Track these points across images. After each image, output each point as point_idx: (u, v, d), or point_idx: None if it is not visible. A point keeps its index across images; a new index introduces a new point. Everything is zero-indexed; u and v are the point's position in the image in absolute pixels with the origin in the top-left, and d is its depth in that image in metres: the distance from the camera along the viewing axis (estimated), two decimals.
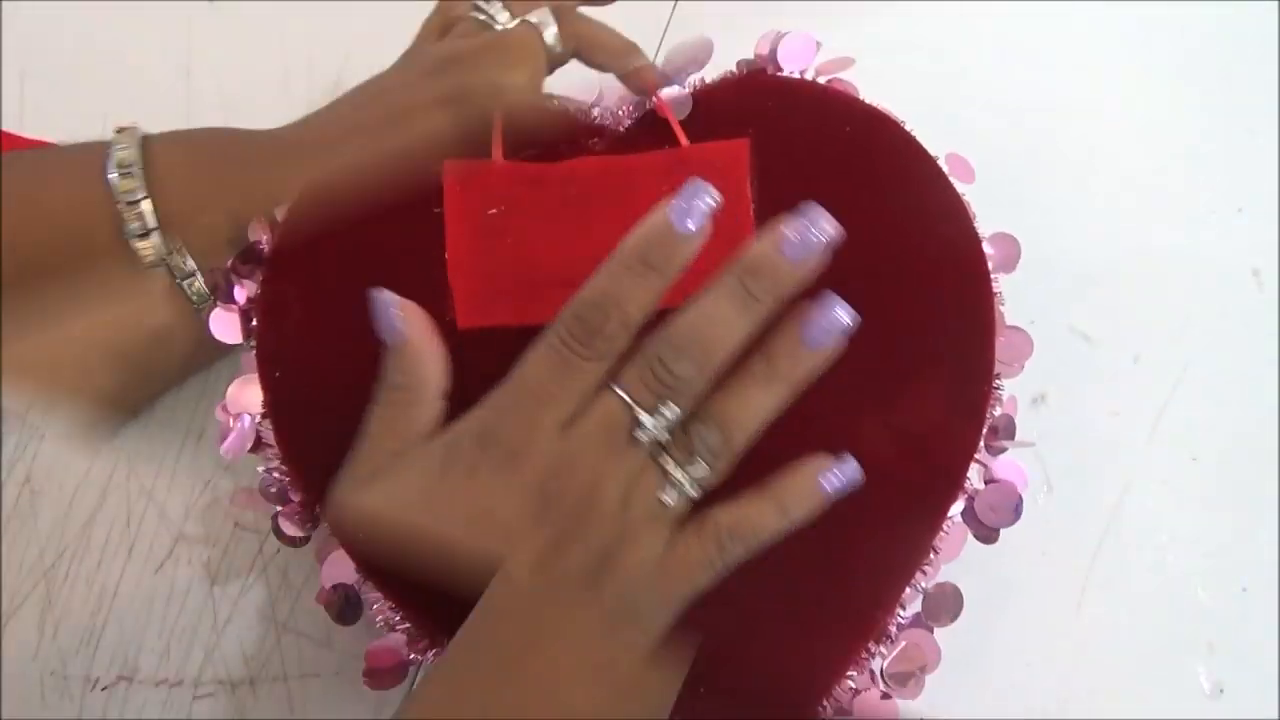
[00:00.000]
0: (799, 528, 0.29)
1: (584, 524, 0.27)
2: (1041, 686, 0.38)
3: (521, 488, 0.27)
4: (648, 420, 0.27)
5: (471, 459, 0.27)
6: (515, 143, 0.35)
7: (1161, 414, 0.41)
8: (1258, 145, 0.45)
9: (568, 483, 0.26)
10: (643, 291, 0.27)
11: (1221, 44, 0.47)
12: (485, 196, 0.34)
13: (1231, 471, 0.40)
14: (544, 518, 0.26)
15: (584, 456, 0.27)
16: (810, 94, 0.37)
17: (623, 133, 0.38)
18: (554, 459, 0.27)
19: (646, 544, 0.27)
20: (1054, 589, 0.39)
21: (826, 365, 0.29)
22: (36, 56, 0.49)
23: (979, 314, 0.34)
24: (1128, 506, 0.40)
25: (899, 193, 0.35)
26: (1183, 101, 0.46)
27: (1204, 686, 0.38)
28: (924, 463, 0.33)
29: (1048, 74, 0.46)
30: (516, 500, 0.27)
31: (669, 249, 0.27)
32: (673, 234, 0.27)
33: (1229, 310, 0.42)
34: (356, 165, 0.34)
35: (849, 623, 0.32)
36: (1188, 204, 0.44)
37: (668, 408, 0.27)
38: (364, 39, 0.43)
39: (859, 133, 0.36)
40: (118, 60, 0.49)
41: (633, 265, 0.27)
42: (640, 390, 0.27)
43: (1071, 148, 0.45)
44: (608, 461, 0.27)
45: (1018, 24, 0.48)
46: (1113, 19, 0.47)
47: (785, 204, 0.32)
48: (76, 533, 0.41)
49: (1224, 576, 0.39)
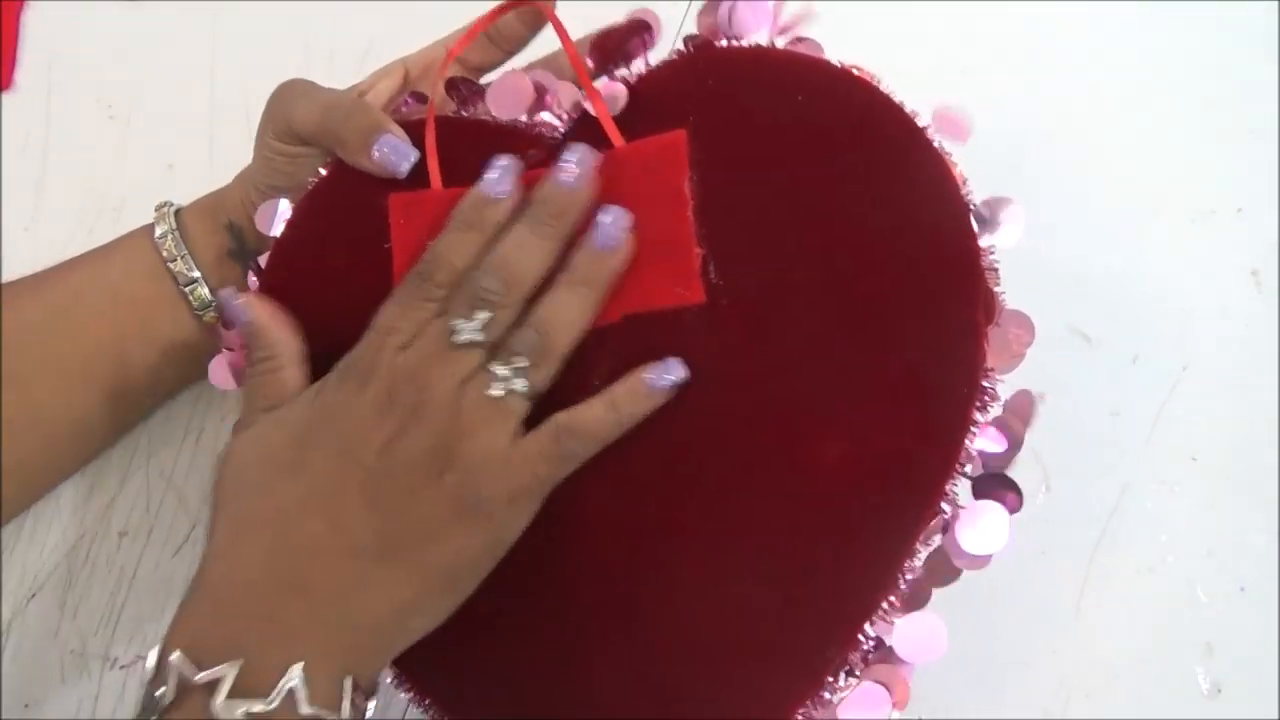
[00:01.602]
0: (734, 559, 0.30)
1: (419, 417, 0.30)
2: (1041, 686, 0.38)
3: (371, 398, 0.31)
4: (463, 324, 0.31)
5: (331, 391, 0.32)
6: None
7: (1161, 414, 0.41)
8: (1258, 145, 0.45)
9: (405, 386, 0.30)
10: (465, 244, 0.32)
11: (1221, 44, 0.47)
12: (424, 227, 0.33)
13: (1231, 471, 0.40)
14: (387, 415, 0.30)
15: (420, 365, 0.31)
16: (760, 65, 0.33)
17: (560, 140, 0.35)
18: (394, 370, 0.31)
19: (485, 437, 0.30)
20: (1053, 589, 0.39)
21: (622, 264, 0.31)
22: (62, 55, 0.51)
23: (961, 302, 0.30)
24: (1127, 506, 0.40)
25: (865, 167, 0.31)
26: (1183, 101, 0.46)
27: (1202, 686, 0.38)
28: (894, 480, 0.29)
29: (1048, 74, 0.46)
30: (366, 408, 0.31)
31: (483, 209, 0.32)
32: (486, 199, 0.32)
33: (1229, 310, 0.42)
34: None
35: (803, 656, 0.29)
36: (1188, 204, 0.44)
37: (480, 315, 0.31)
38: (384, 34, 0.45)
39: (816, 101, 0.32)
40: (142, 58, 0.50)
41: (457, 226, 0.32)
42: (460, 307, 0.31)
43: (1071, 147, 0.45)
44: (437, 365, 0.31)
45: (1018, 24, 0.48)
46: (1113, 19, 0.48)
47: (736, 195, 0.32)
48: (97, 516, 0.42)
49: (1222, 577, 0.39)
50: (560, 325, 0.31)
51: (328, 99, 0.36)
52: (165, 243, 0.39)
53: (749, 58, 0.33)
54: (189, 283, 0.39)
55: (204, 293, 0.39)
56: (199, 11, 0.51)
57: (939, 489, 0.29)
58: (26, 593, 0.41)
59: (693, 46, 0.35)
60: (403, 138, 0.35)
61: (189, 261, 0.39)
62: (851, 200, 0.31)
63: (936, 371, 0.30)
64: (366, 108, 0.36)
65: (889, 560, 0.29)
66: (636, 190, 0.32)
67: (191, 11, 0.51)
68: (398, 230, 0.34)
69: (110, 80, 0.50)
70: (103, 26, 0.51)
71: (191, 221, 0.40)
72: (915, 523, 0.29)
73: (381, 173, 0.34)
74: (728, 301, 0.31)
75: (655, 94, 0.34)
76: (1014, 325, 0.31)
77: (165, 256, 0.39)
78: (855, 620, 0.29)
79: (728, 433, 0.30)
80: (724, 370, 0.31)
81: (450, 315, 0.31)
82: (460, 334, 0.31)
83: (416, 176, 0.34)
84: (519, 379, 0.31)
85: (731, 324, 0.31)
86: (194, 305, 0.39)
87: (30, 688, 0.40)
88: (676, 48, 0.35)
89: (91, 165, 0.48)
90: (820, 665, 0.29)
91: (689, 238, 0.31)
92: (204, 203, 0.41)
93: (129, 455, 0.43)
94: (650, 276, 0.32)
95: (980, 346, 0.29)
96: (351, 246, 0.35)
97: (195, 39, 0.50)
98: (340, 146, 0.35)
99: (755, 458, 0.30)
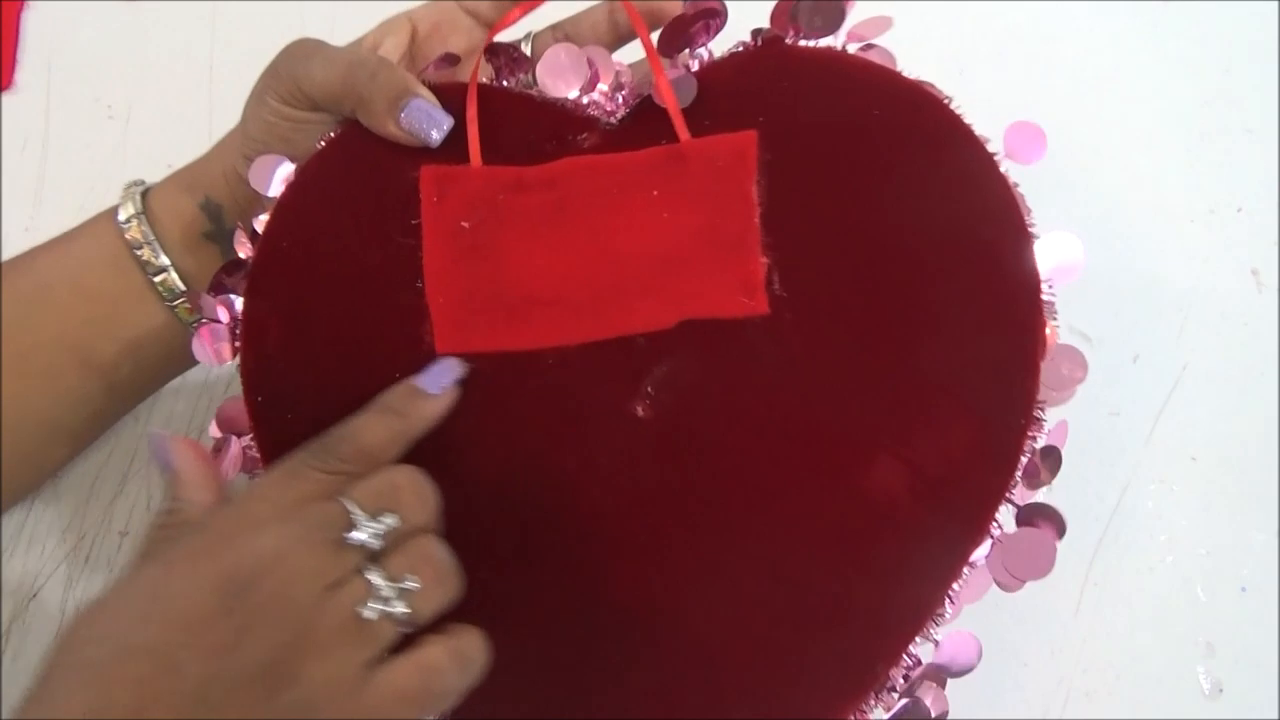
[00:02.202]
0: (782, 573, 0.29)
1: (266, 619, 0.24)
2: (1041, 687, 0.38)
3: (215, 575, 0.25)
4: (364, 521, 0.26)
5: (172, 551, 0.26)
6: None
7: (1161, 414, 0.41)
8: (1258, 145, 0.45)
9: (262, 575, 0.25)
10: (381, 428, 0.28)
11: (1221, 44, 0.47)
12: (461, 206, 0.31)
13: (1231, 471, 0.40)
14: (231, 607, 0.24)
15: (286, 551, 0.25)
16: (833, 70, 0.32)
17: (616, 125, 0.32)
18: (254, 549, 0.25)
19: (337, 660, 0.25)
20: (1054, 589, 0.39)
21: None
22: (62, 55, 0.51)
23: (1023, 334, 0.29)
24: (1128, 506, 0.40)
25: (934, 189, 0.30)
26: (1183, 101, 0.46)
27: (1203, 686, 0.38)
28: (943, 505, 0.29)
29: (1048, 74, 0.46)
30: (207, 587, 0.25)
31: (411, 400, 0.29)
32: (418, 391, 0.29)
33: (1229, 310, 0.42)
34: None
35: (847, 677, 0.29)
36: (1188, 204, 0.44)
37: (389, 516, 0.26)
38: None
39: (891, 117, 0.31)
40: (142, 58, 0.50)
41: (379, 408, 0.29)
42: (367, 498, 0.27)
43: (1071, 147, 0.45)
44: (309, 558, 0.25)
45: (1018, 24, 0.48)
46: (1113, 19, 0.48)
47: (802, 204, 0.30)
48: (98, 516, 0.42)
49: (1223, 576, 0.39)
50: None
51: (350, 57, 0.32)
52: (130, 228, 0.35)
53: (823, 62, 0.32)
54: (157, 272, 0.35)
55: (175, 281, 0.35)
56: (199, 11, 0.51)
57: (989, 515, 0.29)
58: (27, 593, 0.41)
59: (762, 41, 0.33)
60: (435, 103, 0.31)
61: (156, 248, 0.35)
62: (919, 222, 0.30)
63: (995, 400, 0.29)
64: (394, 68, 0.32)
65: (936, 582, 0.29)
66: (701, 190, 0.31)
67: (191, 11, 0.51)
68: (429, 207, 0.31)
69: (110, 80, 0.50)
70: (102, 26, 0.51)
71: (163, 200, 0.36)
72: (963, 546, 0.29)
73: (410, 141, 0.31)
74: (791, 315, 0.30)
75: (722, 88, 0.32)
76: (1066, 360, 0.30)
77: (130, 243, 0.35)
78: (902, 639, 0.29)
79: (783, 450, 0.30)
80: (783, 385, 0.30)
81: (347, 498, 0.26)
82: (356, 530, 0.26)
83: (445, 148, 0.32)
84: (400, 602, 0.26)
85: (794, 339, 0.30)
86: (164, 296, 0.36)
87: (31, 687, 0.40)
88: (743, 40, 0.33)
89: (91, 165, 0.48)
90: (868, 681, 0.29)
91: (754, 245, 0.30)
92: (179, 177, 0.37)
93: (129, 455, 0.43)
94: (712, 283, 0.30)
95: (1036, 377, 0.29)
96: (366, 218, 0.32)
97: (195, 39, 0.50)
98: (364, 110, 0.31)
99: (810, 476, 0.29)
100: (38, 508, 0.42)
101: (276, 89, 0.33)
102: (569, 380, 0.31)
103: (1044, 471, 0.30)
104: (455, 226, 0.31)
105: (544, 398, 0.31)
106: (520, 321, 0.31)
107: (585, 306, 0.31)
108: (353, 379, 0.31)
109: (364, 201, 0.32)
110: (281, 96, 0.33)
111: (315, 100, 0.33)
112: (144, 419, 0.43)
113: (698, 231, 0.30)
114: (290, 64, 0.33)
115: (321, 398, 0.31)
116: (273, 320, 0.32)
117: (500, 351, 0.31)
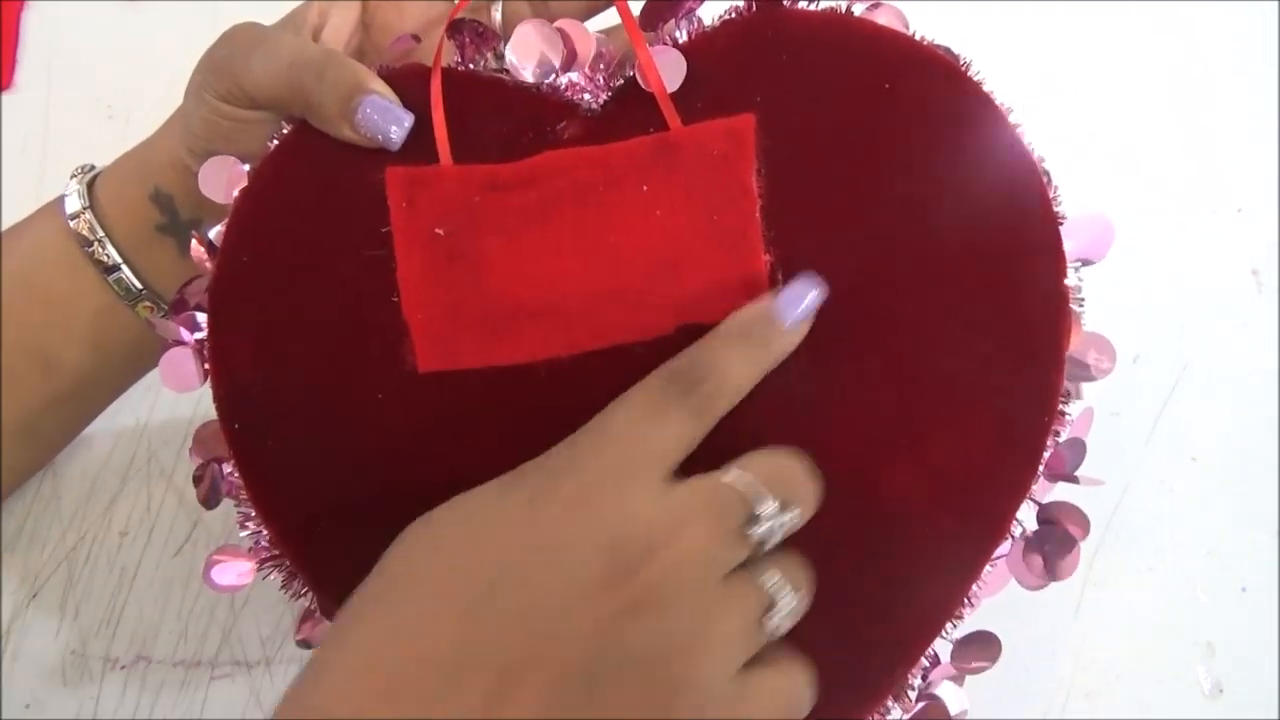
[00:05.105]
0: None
1: (662, 602, 0.21)
2: (1041, 687, 0.38)
3: (603, 535, 0.22)
4: (772, 514, 0.23)
5: (543, 489, 0.23)
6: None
7: (1161, 414, 0.41)
8: (1258, 145, 0.45)
9: (656, 549, 0.22)
10: (747, 363, 0.25)
11: (1221, 44, 0.47)
12: (433, 211, 0.28)
13: (1231, 471, 0.40)
14: (619, 577, 0.21)
15: (680, 527, 0.22)
16: (837, 37, 0.29)
17: (599, 111, 0.29)
18: (644, 515, 0.22)
19: (727, 664, 0.22)
20: (1054, 589, 0.39)
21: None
22: (62, 55, 0.51)
23: (1046, 325, 0.28)
24: (1127, 506, 0.40)
25: (954, 172, 0.28)
26: (1183, 101, 0.46)
27: (1203, 686, 0.38)
28: (964, 509, 0.28)
29: (1048, 74, 0.46)
30: (591, 547, 0.22)
31: (772, 331, 0.26)
32: (777, 320, 0.26)
33: (1228, 310, 0.42)
34: None
35: (866, 681, 0.28)
36: (1188, 204, 0.44)
37: (793, 510, 0.23)
38: None
39: (903, 90, 0.28)
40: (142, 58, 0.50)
41: (736, 336, 0.26)
42: (772, 482, 0.23)
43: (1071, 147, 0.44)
44: (707, 540, 0.22)
45: (1017, 24, 0.48)
46: (1113, 19, 0.48)
47: (807, 193, 0.28)
48: (98, 516, 0.42)
49: (1223, 576, 0.39)
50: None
51: (293, 54, 0.29)
52: (79, 224, 0.33)
53: (826, 28, 0.29)
54: (109, 270, 0.33)
55: (131, 280, 0.33)
56: (199, 11, 0.51)
57: (1010, 515, 0.28)
58: (27, 593, 0.41)
59: (756, 4, 0.29)
60: (392, 98, 0.28)
61: (106, 244, 0.33)
62: (936, 208, 0.28)
63: (1017, 397, 0.28)
64: (343, 62, 0.28)
65: (956, 584, 0.28)
66: (695, 182, 0.28)
67: (191, 11, 0.51)
68: (399, 214, 0.28)
69: (110, 80, 0.50)
70: (102, 26, 0.51)
71: (110, 191, 0.33)
72: (984, 548, 0.28)
73: (368, 143, 0.28)
74: None
75: (714, 64, 0.29)
76: (1094, 348, 0.29)
77: (80, 241, 0.33)
78: (922, 641, 0.28)
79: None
80: (794, 392, 0.28)
81: (752, 486, 0.23)
82: (759, 524, 0.23)
83: (411, 145, 0.29)
84: (787, 610, 0.23)
85: (802, 341, 0.28)
86: (121, 296, 0.33)
87: (31, 688, 0.40)
88: (736, 4, 0.29)
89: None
90: (886, 685, 0.29)
91: (756, 241, 0.28)
92: (125, 164, 0.34)
93: (129, 455, 0.43)
94: (712, 284, 0.28)
95: (1061, 371, 0.28)
96: (330, 229, 0.29)
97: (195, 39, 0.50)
98: (314, 113, 0.28)
99: (826, 482, 0.27)
100: (37, 508, 0.42)
101: (215, 86, 0.30)
102: (563, 395, 0.28)
103: (1068, 465, 0.29)
104: (429, 234, 0.28)
105: (537, 415, 0.28)
106: (508, 334, 0.28)
107: (576, 315, 0.28)
108: (332, 403, 0.29)
109: (327, 211, 0.29)
110: (220, 94, 0.30)
111: (258, 101, 0.30)
112: (144, 419, 0.43)
113: (694, 229, 0.28)
114: (229, 59, 0.30)
115: (302, 424, 0.29)
116: (241, 345, 0.30)
117: (488, 368, 0.28)
